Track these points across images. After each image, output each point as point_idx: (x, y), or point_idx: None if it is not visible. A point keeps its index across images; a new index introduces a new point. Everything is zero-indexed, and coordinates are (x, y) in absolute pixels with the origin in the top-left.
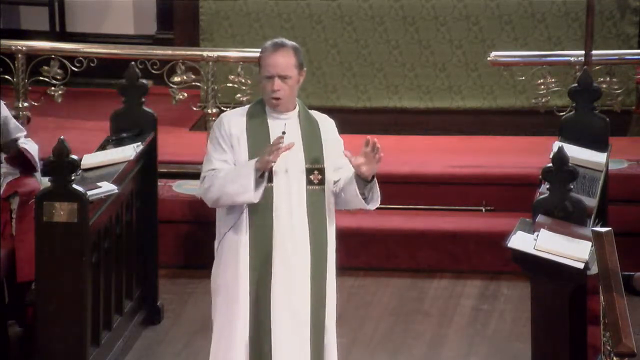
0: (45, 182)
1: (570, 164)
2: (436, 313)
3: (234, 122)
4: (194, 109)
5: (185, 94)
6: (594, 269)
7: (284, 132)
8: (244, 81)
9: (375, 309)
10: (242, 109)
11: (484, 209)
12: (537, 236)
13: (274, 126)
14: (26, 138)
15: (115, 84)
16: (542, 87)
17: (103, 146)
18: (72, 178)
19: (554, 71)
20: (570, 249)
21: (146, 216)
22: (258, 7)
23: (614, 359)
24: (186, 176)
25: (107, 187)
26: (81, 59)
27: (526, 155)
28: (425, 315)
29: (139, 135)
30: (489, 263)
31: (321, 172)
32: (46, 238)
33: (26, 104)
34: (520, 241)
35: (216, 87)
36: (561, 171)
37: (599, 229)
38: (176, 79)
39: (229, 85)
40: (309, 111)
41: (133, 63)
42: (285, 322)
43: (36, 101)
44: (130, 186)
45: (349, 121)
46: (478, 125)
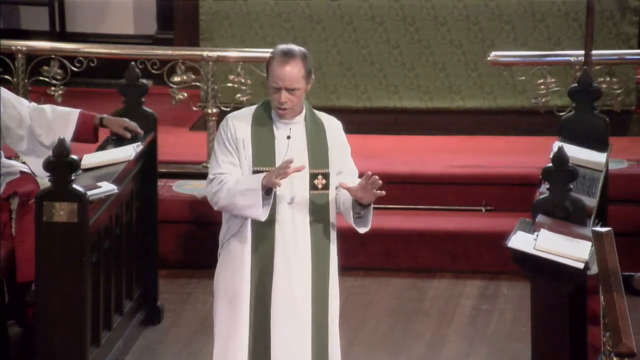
0: (45, 182)
1: (570, 164)
2: (436, 313)
3: (239, 125)
4: (194, 109)
5: (185, 94)
6: (594, 269)
7: (289, 137)
8: (244, 81)
9: (375, 309)
10: (249, 110)
11: (484, 209)
12: (537, 236)
13: (280, 131)
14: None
15: (115, 84)
16: (542, 87)
17: (103, 146)
18: (72, 178)
19: (554, 71)
20: (570, 249)
21: (146, 216)
22: (258, 7)
23: (614, 359)
24: (186, 176)
25: (107, 187)
26: (81, 59)
27: (526, 155)
28: (425, 315)
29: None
30: (489, 263)
31: (325, 177)
32: (46, 238)
33: None
34: (520, 241)
35: (216, 87)
36: (561, 171)
37: (599, 229)
38: (176, 79)
39: (229, 85)
40: (315, 113)
41: (133, 63)
42: (286, 324)
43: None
44: (130, 186)
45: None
46: (478, 125)
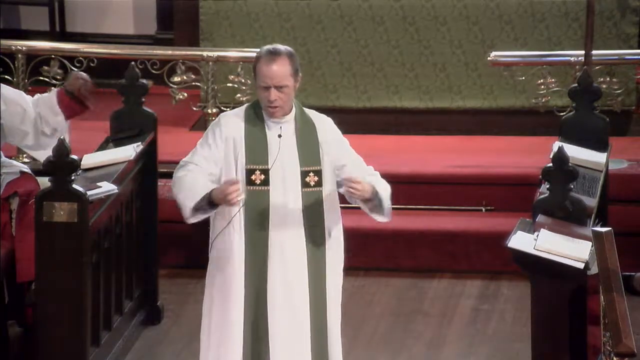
0: (45, 182)
1: (570, 164)
2: (436, 313)
3: (232, 125)
4: (194, 109)
5: (185, 94)
6: (594, 269)
7: (279, 136)
8: (244, 81)
9: (375, 309)
10: (240, 110)
11: (484, 209)
12: (537, 236)
13: (271, 130)
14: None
15: (115, 84)
16: (542, 87)
17: (103, 146)
18: (72, 178)
19: (554, 71)
20: (570, 249)
21: (146, 216)
22: (258, 7)
23: (614, 359)
24: None
25: (107, 187)
26: (81, 59)
27: (526, 155)
28: (425, 315)
29: (139, 135)
30: (489, 263)
31: (317, 174)
32: (46, 238)
33: None
34: (520, 241)
35: (216, 87)
36: (561, 171)
37: (599, 229)
38: (176, 79)
39: (229, 85)
40: (305, 112)
41: (133, 63)
42: (283, 323)
43: None
44: (130, 186)
45: (349, 121)
46: (478, 125)
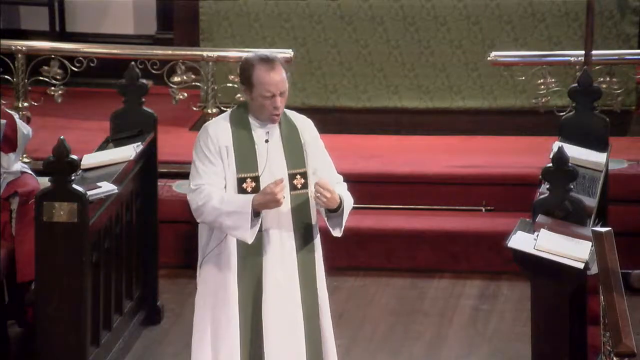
0: (45, 182)
1: (570, 164)
2: (436, 313)
3: (220, 133)
4: (194, 109)
5: (185, 94)
6: (594, 269)
7: (267, 141)
8: None
9: (375, 309)
10: (224, 117)
11: (484, 209)
12: (537, 236)
13: (258, 135)
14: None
15: (115, 84)
16: (542, 87)
17: (103, 146)
18: (72, 178)
19: (554, 71)
20: (570, 249)
21: (146, 216)
22: (258, 7)
23: (614, 359)
24: (186, 176)
25: (107, 187)
26: (81, 59)
27: (526, 155)
28: (425, 315)
29: (139, 135)
30: (489, 263)
31: (304, 176)
32: (46, 238)
33: (26, 104)
34: (520, 241)
35: (216, 87)
36: (561, 171)
37: (599, 229)
38: (176, 79)
39: (228, 85)
40: (287, 113)
41: (133, 63)
42: (278, 327)
43: (36, 101)
44: (130, 186)
45: (349, 121)
46: (478, 125)
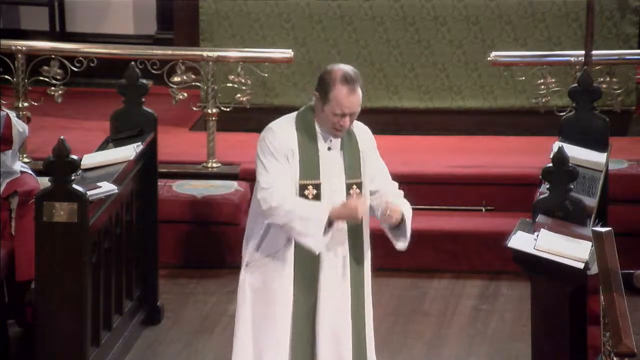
0: (45, 182)
1: (570, 164)
2: (436, 313)
3: (285, 135)
4: (194, 109)
5: (185, 94)
6: (594, 269)
7: (329, 149)
8: (244, 81)
9: (375, 309)
10: (290, 120)
11: (484, 209)
12: (537, 236)
13: (322, 143)
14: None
15: (115, 84)
16: (542, 87)
17: (103, 146)
18: (72, 178)
19: (554, 71)
20: (570, 249)
21: (146, 216)
22: (258, 7)
23: (614, 359)
24: (186, 176)
25: (107, 187)
26: (81, 59)
27: (526, 155)
28: (425, 315)
29: (139, 135)
30: (489, 263)
31: (359, 186)
32: (46, 238)
33: (26, 104)
34: (520, 241)
35: (216, 87)
36: (561, 171)
37: (599, 229)
38: (176, 79)
39: (229, 85)
40: None
41: (133, 63)
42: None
43: (36, 101)
44: (130, 186)
45: None
46: (478, 125)
